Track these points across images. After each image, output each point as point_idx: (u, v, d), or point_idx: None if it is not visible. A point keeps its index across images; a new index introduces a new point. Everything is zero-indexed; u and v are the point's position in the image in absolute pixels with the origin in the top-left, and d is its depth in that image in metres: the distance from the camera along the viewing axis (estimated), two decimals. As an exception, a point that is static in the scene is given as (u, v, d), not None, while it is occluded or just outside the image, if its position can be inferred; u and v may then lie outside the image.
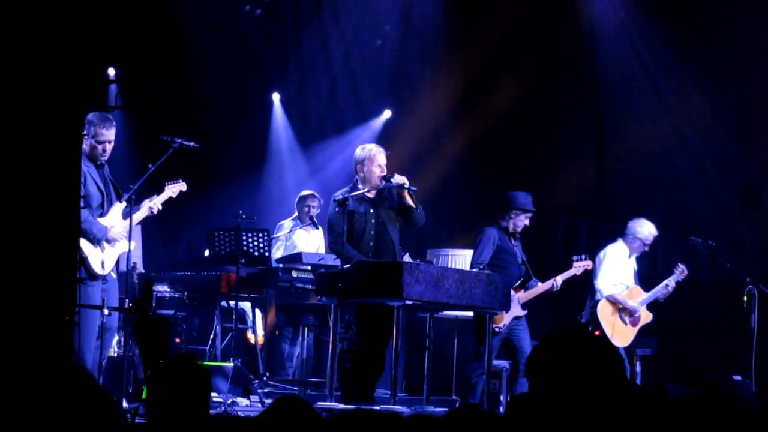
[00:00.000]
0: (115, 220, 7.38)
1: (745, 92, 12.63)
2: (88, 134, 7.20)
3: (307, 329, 9.32)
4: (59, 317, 5.30)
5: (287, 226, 10.55)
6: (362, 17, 12.98)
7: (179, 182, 7.93)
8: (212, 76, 12.17)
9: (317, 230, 10.47)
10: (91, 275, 7.12)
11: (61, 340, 5.27)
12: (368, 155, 8.24)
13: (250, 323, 10.41)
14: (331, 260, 8.87)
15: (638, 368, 10.00)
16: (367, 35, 13.07)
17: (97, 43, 5.74)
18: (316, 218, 10.43)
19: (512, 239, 9.14)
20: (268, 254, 9.62)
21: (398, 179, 8.08)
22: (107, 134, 7.29)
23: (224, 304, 9.81)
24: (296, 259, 9.55)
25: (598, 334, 9.59)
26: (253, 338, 10.41)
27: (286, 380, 9.98)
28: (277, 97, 13.34)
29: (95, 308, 6.94)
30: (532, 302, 9.17)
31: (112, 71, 10.26)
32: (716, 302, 12.06)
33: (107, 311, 7.04)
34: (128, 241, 7.39)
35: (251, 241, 9.47)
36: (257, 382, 9.01)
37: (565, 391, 2.55)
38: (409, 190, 8.13)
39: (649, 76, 12.95)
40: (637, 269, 9.96)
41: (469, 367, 8.97)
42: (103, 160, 7.34)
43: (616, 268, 9.75)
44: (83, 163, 6.94)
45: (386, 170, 8.22)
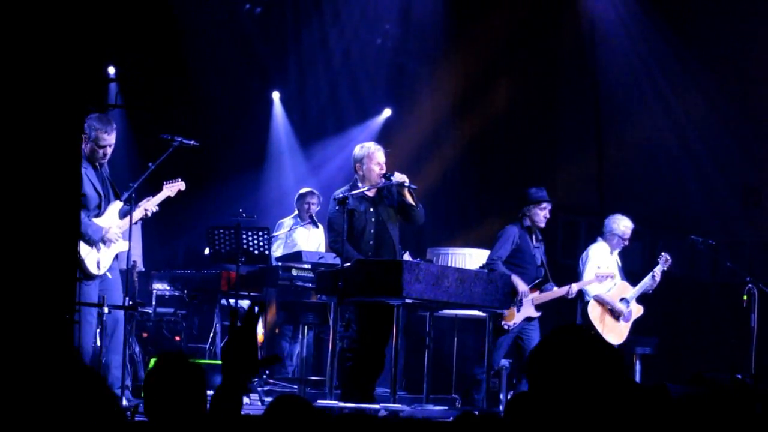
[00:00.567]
0: (112, 220, 7.38)
1: (745, 90, 12.63)
2: (89, 137, 7.21)
3: (307, 328, 9.32)
4: (59, 315, 5.31)
5: (287, 224, 10.55)
6: (362, 16, 12.98)
7: (178, 181, 7.93)
8: (212, 74, 12.18)
9: (317, 228, 10.47)
10: (86, 275, 7.14)
11: (61, 337, 5.28)
12: (367, 154, 8.24)
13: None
14: (331, 258, 8.87)
15: (638, 367, 10.00)
16: (367, 34, 13.06)
17: (96, 41, 5.74)
18: (316, 216, 10.43)
19: (534, 240, 9.23)
20: (268, 253, 9.62)
21: (398, 177, 8.09)
22: (109, 138, 7.31)
23: (224, 302, 9.82)
24: (296, 257, 9.55)
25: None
26: (252, 336, 10.39)
27: (286, 378, 9.98)
28: (277, 95, 13.34)
29: (93, 306, 6.96)
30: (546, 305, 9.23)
31: (112, 70, 10.26)
32: (716, 301, 12.06)
33: (107, 309, 7.05)
34: (127, 240, 7.40)
35: (251, 239, 9.47)
36: (257, 380, 9.01)
37: (564, 389, 2.55)
38: (409, 188, 8.14)
39: (648, 74, 12.95)
40: (621, 265, 9.95)
41: (477, 364, 9.00)
42: (102, 162, 7.35)
43: (601, 265, 9.75)
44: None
45: (386, 168, 8.23)
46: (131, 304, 7.66)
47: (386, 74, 13.23)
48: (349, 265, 7.65)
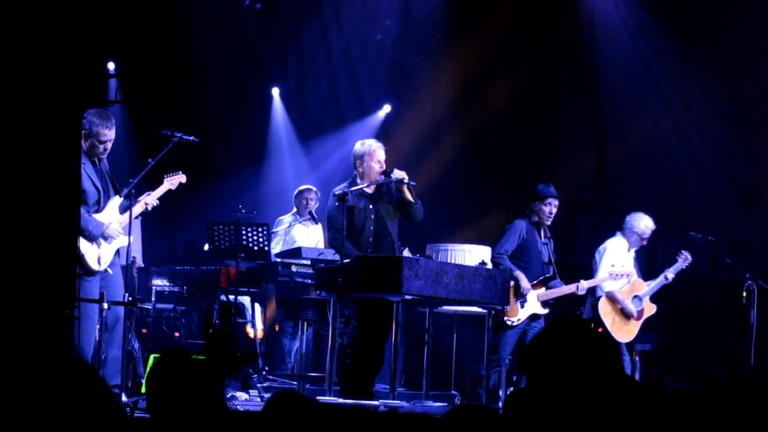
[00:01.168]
0: (112, 216, 7.38)
1: (744, 87, 12.62)
2: (90, 133, 7.21)
3: (306, 324, 9.32)
4: (58, 311, 5.30)
5: (286, 221, 10.55)
6: (362, 12, 12.97)
7: (179, 174, 7.94)
8: (212, 70, 12.18)
9: (316, 225, 10.47)
10: (87, 271, 7.14)
11: (60, 333, 5.28)
12: (367, 150, 8.24)
13: (249, 318, 10.41)
14: (330, 255, 8.87)
15: (638, 364, 10.00)
16: (366, 29, 13.05)
17: (96, 37, 5.74)
18: (315, 213, 10.42)
19: (542, 236, 9.23)
20: (267, 249, 9.62)
21: (397, 174, 8.09)
22: (109, 134, 7.31)
23: (224, 298, 9.81)
24: (296, 253, 9.55)
25: (601, 330, 9.59)
26: (252, 333, 10.41)
27: (285, 375, 9.98)
28: (276, 91, 13.33)
29: (93, 302, 6.96)
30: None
31: (111, 65, 10.25)
32: (715, 298, 12.05)
33: (107, 305, 7.05)
34: (127, 235, 7.40)
35: (251, 235, 9.47)
36: (256, 376, 9.01)
37: (561, 384, 2.55)
38: (408, 185, 8.14)
39: (648, 70, 12.94)
40: (636, 263, 9.95)
41: (480, 361, 8.98)
42: (102, 157, 7.35)
43: (616, 262, 9.75)
44: (79, 159, 6.95)
45: (385, 165, 8.23)
46: (131, 300, 7.66)
47: (386, 70, 13.22)
48: (348, 261, 7.65)
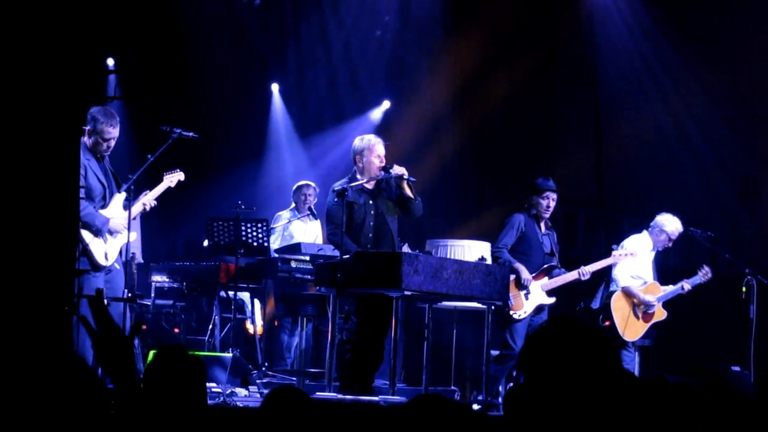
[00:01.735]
0: (116, 211, 7.41)
1: (743, 82, 12.62)
2: (94, 130, 7.23)
3: (306, 320, 9.31)
4: (58, 307, 5.31)
5: (285, 216, 10.55)
6: (361, 7, 12.97)
7: (177, 171, 7.95)
8: (211, 66, 12.18)
9: (315, 221, 10.47)
10: (94, 266, 7.17)
11: (59, 329, 5.28)
12: (368, 146, 8.24)
13: (249, 313, 10.42)
14: (330, 251, 8.86)
15: (637, 359, 10.00)
16: (366, 26, 13.05)
17: (96, 34, 5.74)
18: (314, 208, 10.42)
19: (542, 228, 9.23)
20: (266, 244, 9.61)
21: (397, 170, 8.08)
22: (113, 132, 7.34)
23: (223, 294, 9.82)
24: (295, 249, 9.54)
25: (608, 324, 9.59)
26: (252, 328, 10.41)
27: (284, 371, 9.98)
28: (276, 87, 13.33)
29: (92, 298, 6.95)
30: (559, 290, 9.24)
31: (111, 62, 10.24)
32: (715, 293, 12.05)
33: (106, 301, 7.05)
34: (128, 232, 7.42)
35: (250, 231, 9.47)
36: (256, 372, 9.01)
37: (558, 381, 2.55)
38: (408, 180, 8.14)
39: (647, 66, 12.94)
40: (654, 265, 9.92)
41: (494, 362, 8.92)
42: (105, 154, 7.37)
43: (638, 259, 9.69)
44: (84, 155, 6.97)
45: (385, 161, 8.23)
46: (130, 296, 7.67)
47: (385, 66, 13.22)
48: (348, 257, 7.65)
